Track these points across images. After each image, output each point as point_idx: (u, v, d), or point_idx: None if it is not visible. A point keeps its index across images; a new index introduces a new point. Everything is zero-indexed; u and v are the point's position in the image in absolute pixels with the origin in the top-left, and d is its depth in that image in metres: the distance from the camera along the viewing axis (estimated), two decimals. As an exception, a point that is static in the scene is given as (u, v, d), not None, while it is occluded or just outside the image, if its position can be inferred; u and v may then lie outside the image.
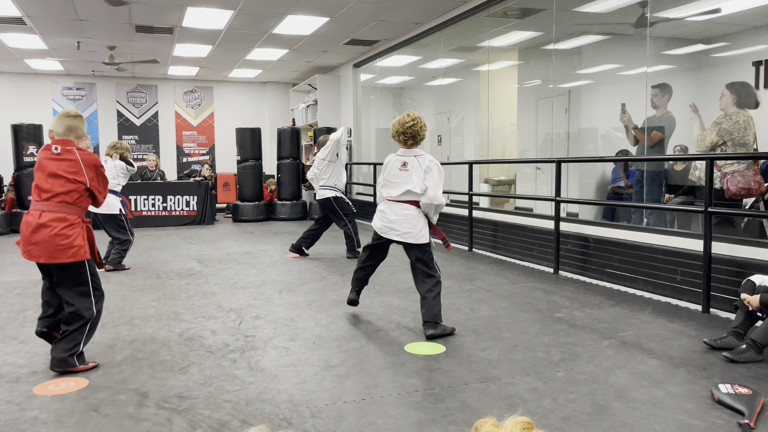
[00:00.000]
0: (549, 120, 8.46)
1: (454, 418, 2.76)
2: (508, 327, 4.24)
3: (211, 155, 15.32)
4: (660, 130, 6.02)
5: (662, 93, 5.97)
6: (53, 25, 9.26)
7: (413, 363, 3.51)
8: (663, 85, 6.02)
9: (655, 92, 5.99)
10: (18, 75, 13.62)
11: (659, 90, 5.98)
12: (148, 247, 8.33)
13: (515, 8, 8.03)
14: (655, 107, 6.03)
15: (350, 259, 7.16)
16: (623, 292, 5.31)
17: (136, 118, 14.73)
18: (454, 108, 11.03)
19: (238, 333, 4.16)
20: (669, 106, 6.03)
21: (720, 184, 5.13)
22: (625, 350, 3.70)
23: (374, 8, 8.48)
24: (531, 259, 6.80)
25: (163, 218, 11.07)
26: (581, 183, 8.03)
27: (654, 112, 6.07)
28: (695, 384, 3.13)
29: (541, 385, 3.14)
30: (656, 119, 6.04)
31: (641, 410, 2.82)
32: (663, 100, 5.97)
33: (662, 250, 5.18)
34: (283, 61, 12.50)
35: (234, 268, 6.64)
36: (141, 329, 4.28)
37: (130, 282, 5.96)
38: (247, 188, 12.13)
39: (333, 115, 13.34)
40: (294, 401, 2.96)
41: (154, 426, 2.70)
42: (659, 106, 6.00)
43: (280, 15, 8.81)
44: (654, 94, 5.99)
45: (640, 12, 6.59)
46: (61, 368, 3.32)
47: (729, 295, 4.52)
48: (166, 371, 3.41)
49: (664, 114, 6.01)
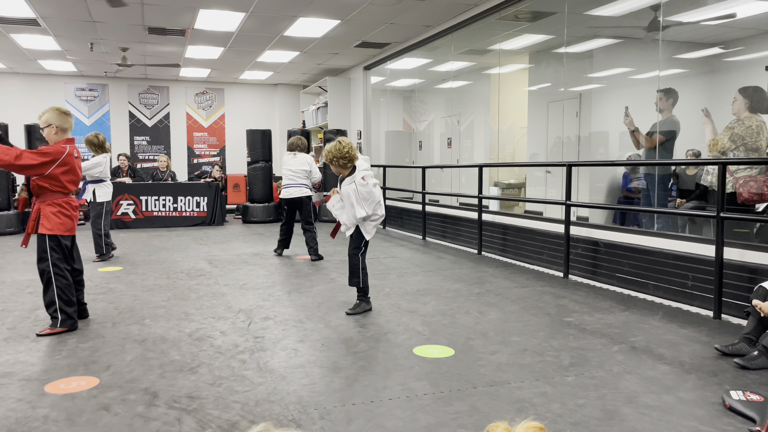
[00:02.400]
0: (560, 123, 8.43)
1: (462, 421, 2.75)
2: (518, 331, 4.23)
3: (221, 156, 15.39)
4: (664, 134, 6.05)
5: (667, 97, 6.04)
6: (67, 27, 9.34)
7: (422, 366, 3.51)
8: (668, 90, 6.08)
9: (660, 96, 6.07)
10: (31, 76, 13.75)
11: (664, 94, 6.06)
12: (159, 248, 8.37)
13: (527, 11, 8.02)
14: (660, 111, 6.10)
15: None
16: (634, 297, 5.28)
17: (148, 119, 14.83)
18: (464, 111, 11.02)
19: (247, 334, 4.17)
20: (677, 110, 6.01)
21: (732, 188, 5.10)
22: (635, 355, 3.68)
23: (385, 11, 8.50)
24: (540, 262, 6.77)
25: (174, 219, 11.13)
26: (591, 187, 8.00)
27: (659, 116, 6.11)
28: (706, 390, 3.11)
29: (550, 390, 3.12)
30: (660, 123, 6.09)
31: (651, 416, 2.80)
32: (667, 104, 6.04)
33: (673, 255, 5.14)
34: (293, 63, 12.54)
35: (243, 269, 6.67)
36: (151, 329, 4.30)
37: (141, 282, 5.99)
38: (257, 189, 12.17)
39: (343, 118, 13.37)
40: (303, 403, 2.97)
41: (163, 425, 2.72)
42: (663, 109, 6.07)
43: (292, 17, 8.84)
44: (659, 98, 6.07)
45: (653, 16, 6.57)
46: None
47: (741, 301, 4.48)
48: (176, 371, 3.43)
49: (668, 117, 6.06)
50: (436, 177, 11.06)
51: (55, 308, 4.20)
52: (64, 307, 4.21)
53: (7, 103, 13.50)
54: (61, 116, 4.41)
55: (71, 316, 4.25)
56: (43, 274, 4.23)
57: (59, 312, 4.20)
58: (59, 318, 4.20)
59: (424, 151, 12.24)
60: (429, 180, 9.73)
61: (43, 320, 4.49)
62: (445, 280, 6.04)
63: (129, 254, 7.79)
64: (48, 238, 4.20)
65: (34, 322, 4.49)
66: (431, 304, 5.05)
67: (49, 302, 4.22)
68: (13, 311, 4.82)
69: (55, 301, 4.20)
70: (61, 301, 4.20)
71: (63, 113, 4.44)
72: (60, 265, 4.25)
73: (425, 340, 4.01)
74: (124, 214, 10.82)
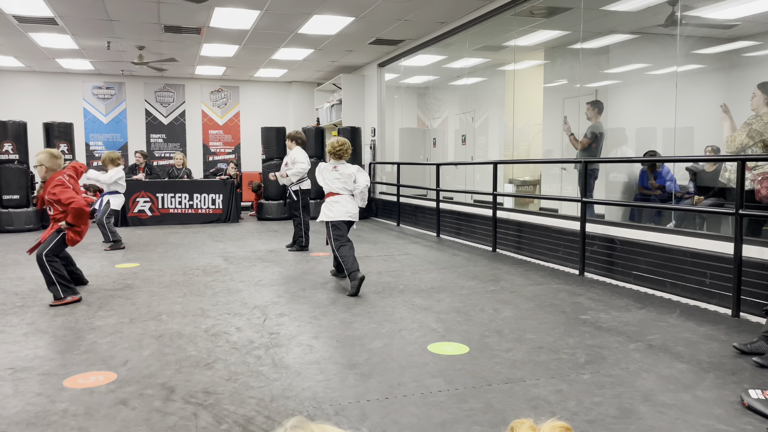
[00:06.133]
0: (576, 120, 8.37)
1: (477, 418, 2.75)
2: (533, 328, 4.21)
3: (236, 154, 15.47)
4: (591, 137, 7.24)
5: (593, 107, 7.37)
6: (84, 26, 9.43)
7: (436, 363, 3.50)
8: (595, 102, 7.44)
9: (588, 107, 7.39)
10: (49, 74, 13.91)
11: (591, 105, 7.38)
12: (175, 244, 8.44)
13: (542, 7, 7.96)
14: (588, 118, 7.37)
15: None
16: (650, 295, 5.23)
17: (164, 117, 14.94)
18: (478, 108, 10.97)
19: (262, 330, 4.20)
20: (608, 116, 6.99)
21: (751, 186, 5.03)
22: (652, 354, 3.65)
23: (399, 8, 8.48)
24: (556, 260, 6.74)
25: (189, 216, 11.22)
26: (607, 184, 7.93)
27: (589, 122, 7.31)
28: (724, 389, 3.08)
29: (566, 388, 3.11)
30: (589, 128, 7.27)
31: (669, 414, 2.78)
32: (594, 112, 7.34)
33: (691, 253, 5.09)
34: (308, 61, 12.57)
35: (258, 266, 6.70)
36: (168, 325, 4.34)
37: (158, 278, 6.05)
38: (272, 187, 12.22)
39: (357, 115, 13.38)
40: (318, 398, 2.98)
41: (180, 420, 2.74)
42: (591, 117, 7.35)
43: (306, 15, 8.86)
44: (588, 108, 7.39)
45: (670, 11, 6.49)
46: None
47: (760, 299, 4.43)
48: (192, 366, 3.46)
49: (595, 123, 7.28)
50: (450, 174, 11.02)
51: (55, 286, 4.97)
52: (61, 281, 5.00)
53: (25, 102, 13.67)
54: (52, 159, 5.21)
55: (69, 285, 5.05)
56: (40, 260, 5.01)
57: (59, 285, 4.97)
58: (59, 289, 4.96)
59: (438, 148, 12.21)
60: (443, 177, 9.70)
61: (62, 315, 4.55)
62: (460, 278, 6.03)
63: (146, 251, 7.86)
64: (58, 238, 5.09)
65: (53, 317, 4.55)
66: (446, 301, 5.04)
67: (49, 282, 5.01)
68: (32, 307, 4.89)
69: (53, 279, 4.97)
70: (56, 275, 4.99)
71: (54, 157, 5.26)
72: (51, 255, 5.07)
73: (440, 337, 4.00)
74: (141, 211, 10.92)
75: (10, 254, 7.62)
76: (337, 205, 5.57)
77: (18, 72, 13.65)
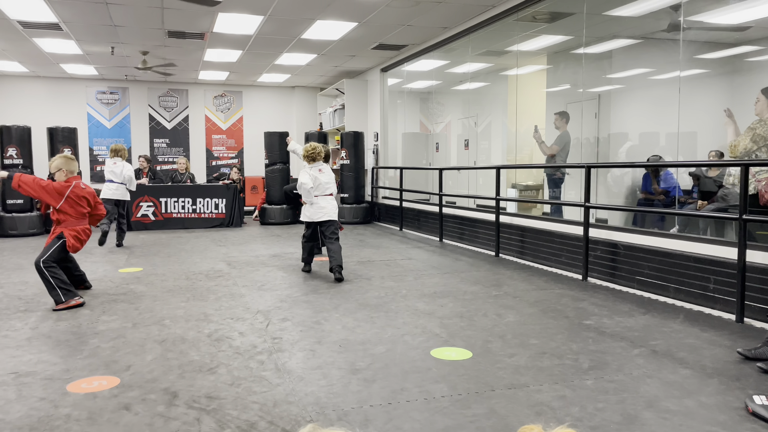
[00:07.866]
0: (578, 124, 8.37)
1: (480, 424, 2.74)
2: (536, 333, 4.20)
3: (239, 158, 15.50)
4: (558, 145, 7.74)
5: (561, 117, 7.86)
6: (88, 31, 9.47)
7: (439, 368, 3.50)
8: (562, 113, 7.93)
9: (556, 117, 7.91)
10: (54, 79, 13.96)
11: (559, 116, 7.87)
12: (178, 249, 8.45)
13: (545, 12, 7.97)
14: (557, 128, 7.86)
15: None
16: (654, 300, 5.22)
17: (167, 122, 14.98)
18: (481, 112, 10.98)
19: (265, 335, 4.19)
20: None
21: (754, 190, 5.02)
22: (655, 359, 3.64)
23: (403, 13, 8.50)
24: (559, 265, 6.73)
25: (192, 220, 11.23)
26: (610, 189, 7.93)
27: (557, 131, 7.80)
28: (728, 395, 3.06)
29: (569, 393, 3.10)
30: (558, 137, 7.77)
31: (672, 420, 2.77)
32: (562, 122, 7.82)
33: (695, 258, 5.08)
34: (311, 66, 12.60)
35: (261, 271, 6.71)
36: (171, 329, 4.35)
37: (161, 283, 6.05)
38: (275, 191, 12.24)
39: (360, 120, 13.40)
40: (320, 404, 2.98)
41: (183, 425, 2.74)
42: (559, 127, 7.82)
43: (309, 20, 8.88)
44: (556, 119, 7.90)
45: (673, 16, 6.50)
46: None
47: (764, 305, 4.41)
48: (195, 371, 3.46)
49: (563, 132, 7.76)
50: (453, 179, 11.03)
51: (56, 291, 4.97)
52: (61, 285, 5.00)
53: (30, 107, 13.72)
54: (69, 162, 5.33)
55: (69, 289, 5.05)
56: (38, 266, 5.04)
57: (59, 290, 4.97)
58: (60, 294, 4.96)
59: (441, 152, 12.22)
60: (446, 182, 9.70)
61: (65, 320, 4.56)
62: (463, 282, 6.02)
63: (149, 255, 7.88)
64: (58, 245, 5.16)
65: (56, 322, 4.56)
66: (449, 306, 5.04)
67: (49, 288, 5.01)
68: (36, 311, 4.90)
69: (52, 284, 4.99)
70: (56, 280, 5.01)
71: (70, 159, 5.38)
72: (49, 261, 5.08)
73: (443, 343, 4.00)
74: (144, 215, 10.94)
75: (14, 258, 7.63)
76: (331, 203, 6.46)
77: (22, 77, 13.71)
